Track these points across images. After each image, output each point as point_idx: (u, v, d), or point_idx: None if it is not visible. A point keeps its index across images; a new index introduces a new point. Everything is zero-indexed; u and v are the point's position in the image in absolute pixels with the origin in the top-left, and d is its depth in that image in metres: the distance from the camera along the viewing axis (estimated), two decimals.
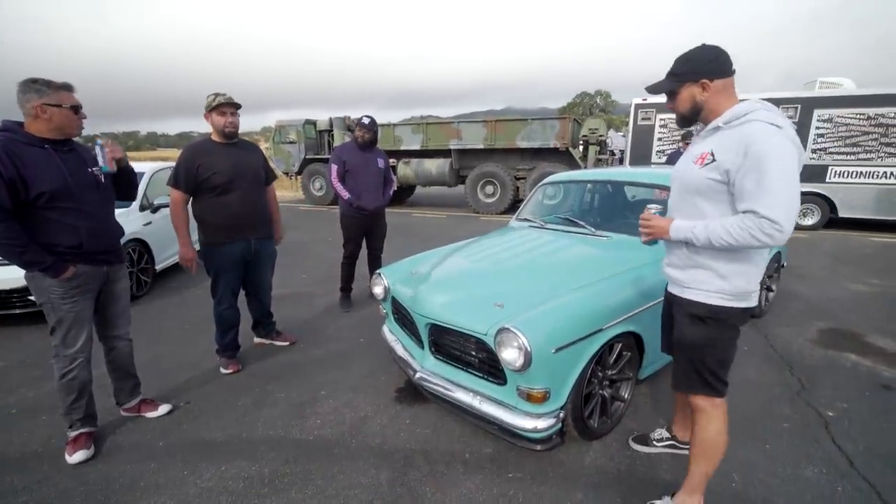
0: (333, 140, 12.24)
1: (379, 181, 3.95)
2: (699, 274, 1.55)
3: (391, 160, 8.77)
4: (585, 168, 9.27)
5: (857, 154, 7.68)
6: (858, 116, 7.55)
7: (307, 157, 12.35)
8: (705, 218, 1.49)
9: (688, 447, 1.97)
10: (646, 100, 8.99)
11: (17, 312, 3.66)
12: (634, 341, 2.27)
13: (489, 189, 10.64)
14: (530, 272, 2.46)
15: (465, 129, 10.85)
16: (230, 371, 2.95)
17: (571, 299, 2.08)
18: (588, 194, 3.73)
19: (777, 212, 1.31)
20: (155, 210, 4.75)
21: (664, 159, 6.77)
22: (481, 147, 10.64)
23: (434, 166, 11.10)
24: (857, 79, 8.76)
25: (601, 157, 10.32)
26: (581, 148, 10.34)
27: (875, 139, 7.54)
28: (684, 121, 1.61)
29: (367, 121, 3.81)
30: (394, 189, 4.24)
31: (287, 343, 3.37)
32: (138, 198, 4.65)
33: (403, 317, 2.63)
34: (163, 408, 2.50)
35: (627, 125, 9.72)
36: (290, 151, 12.52)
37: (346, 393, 2.70)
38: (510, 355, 1.84)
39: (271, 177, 3.08)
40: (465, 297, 2.25)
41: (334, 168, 3.84)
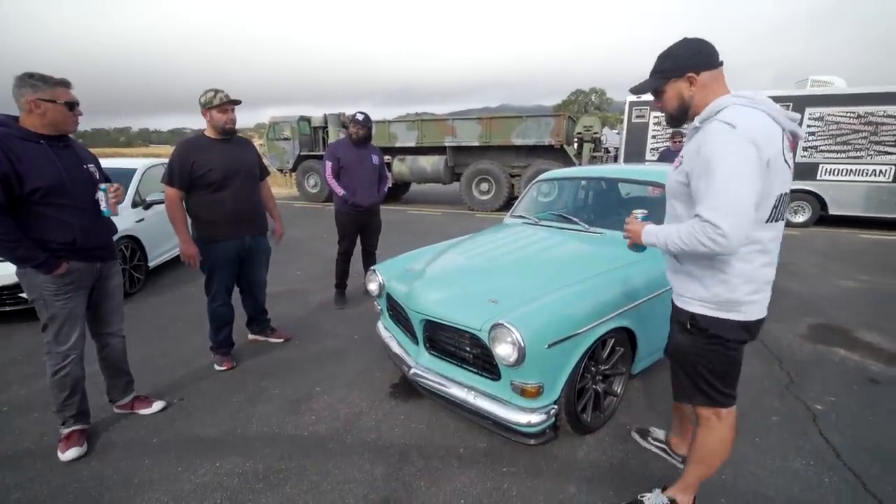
0: (328, 137, 12.18)
1: (374, 178, 3.95)
2: (682, 280, 1.52)
3: (386, 157, 8.76)
4: (580, 165, 9.30)
5: (847, 152, 7.77)
6: (849, 115, 7.64)
7: (301, 154, 12.29)
8: (680, 221, 1.43)
9: (680, 458, 1.99)
10: (639, 97, 9.02)
11: (8, 310, 3.63)
12: (627, 336, 2.29)
13: (484, 186, 10.65)
14: (524, 268, 2.48)
15: (461, 127, 10.85)
16: (224, 368, 2.95)
17: (565, 295, 2.10)
18: (582, 191, 3.75)
19: (717, 216, 1.22)
20: (147, 207, 4.71)
21: (657, 157, 6.80)
22: (476, 144, 10.64)
23: (429, 163, 11.09)
24: (854, 77, 8.86)
25: (596, 155, 10.35)
26: (576, 145, 10.37)
27: (865, 137, 7.63)
28: (673, 120, 1.51)
29: (361, 117, 3.81)
30: (388, 186, 4.24)
31: (282, 340, 3.37)
32: (130, 194, 4.61)
33: (398, 313, 2.64)
34: (156, 405, 2.49)
35: (622, 123, 9.76)
36: (285, 148, 12.45)
37: (341, 389, 2.70)
38: (504, 350, 1.85)
39: (265, 173, 3.07)
40: (460, 294, 2.26)
41: (328, 165, 3.82)
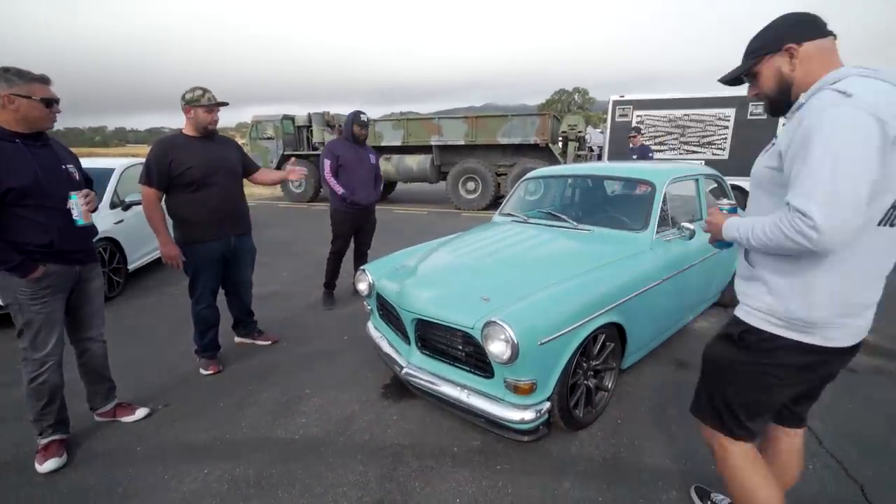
0: (312, 136, 12.03)
1: (371, 176, 3.99)
2: (752, 287, 1.26)
3: None
4: (565, 164, 9.39)
5: None
6: None
7: (285, 154, 12.11)
8: (763, 213, 1.19)
9: None
10: (623, 96, 9.16)
11: None
12: (617, 332, 2.32)
13: (471, 185, 10.66)
14: (515, 266, 2.48)
15: (446, 126, 10.83)
16: (210, 372, 2.88)
17: (556, 292, 2.11)
18: (569, 189, 3.78)
19: (809, 204, 0.99)
20: (126, 208, 4.58)
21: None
22: (462, 143, 10.64)
23: (415, 162, 11.05)
24: None
25: (580, 153, 10.46)
26: (561, 144, 10.47)
27: None
28: (773, 106, 1.23)
29: (365, 118, 3.90)
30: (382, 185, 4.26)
31: (269, 342, 3.31)
32: (108, 195, 4.48)
33: (389, 313, 2.61)
34: (140, 411, 2.42)
35: (605, 122, 9.88)
36: (268, 147, 12.25)
37: (332, 391, 2.67)
38: (497, 348, 1.85)
39: (253, 167, 3.02)
40: (452, 292, 2.25)
41: (327, 163, 3.82)
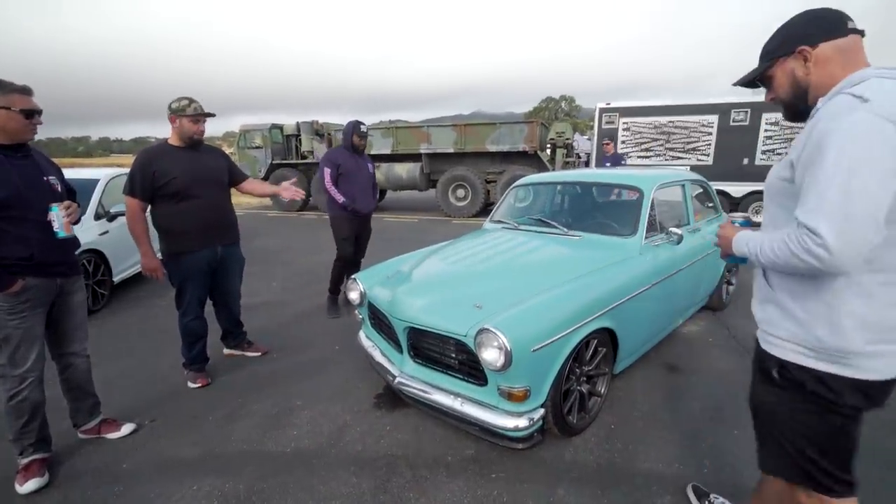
0: (301, 145, 11.98)
1: (370, 185, 4.04)
2: (772, 314, 1.15)
3: None
4: (553, 171, 9.49)
5: None
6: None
7: (274, 163, 12.04)
8: (777, 228, 1.11)
9: None
10: (609, 104, 9.31)
11: None
12: (609, 337, 2.33)
13: (460, 192, 10.70)
14: (507, 273, 2.49)
15: (435, 134, 10.87)
16: (199, 385, 2.82)
17: (548, 298, 2.12)
18: (559, 195, 3.82)
19: (817, 219, 0.91)
20: (111, 219, 4.50)
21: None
22: (451, 151, 10.69)
23: (404, 170, 11.06)
24: None
25: (568, 160, 10.59)
26: (549, 151, 10.59)
27: None
28: (790, 111, 1.16)
29: (364, 129, 3.96)
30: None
31: (259, 354, 3.26)
32: (93, 206, 4.40)
33: (381, 322, 2.60)
34: (126, 427, 2.36)
35: (592, 129, 10.02)
36: (256, 157, 12.16)
37: (323, 402, 2.63)
38: (491, 355, 1.84)
39: (240, 177, 2.98)
40: (444, 300, 2.25)
41: (328, 172, 3.83)
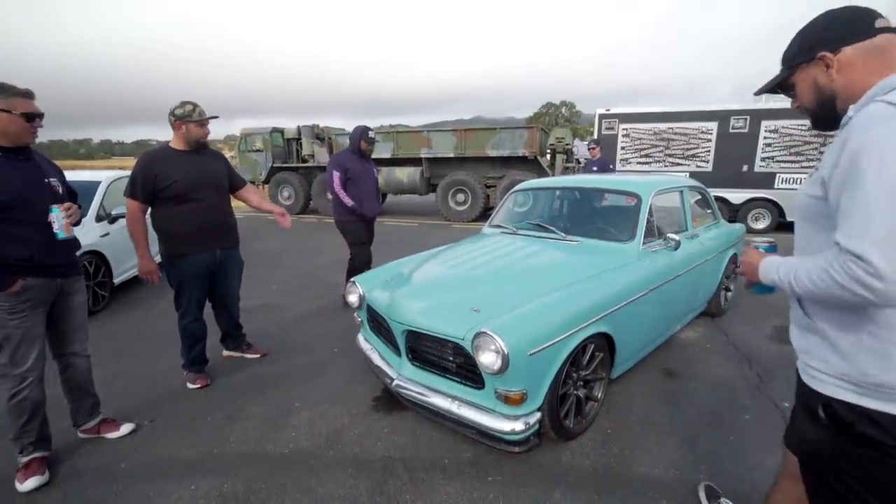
0: (301, 149, 12.04)
1: (376, 189, 4.13)
2: (813, 342, 1.04)
3: None
4: (553, 176, 9.53)
5: (801, 162, 8.25)
6: (800, 127, 8.12)
7: (275, 166, 12.10)
8: (813, 251, 1.00)
9: None
10: (609, 110, 9.37)
11: None
12: (606, 342, 2.34)
13: (460, 197, 10.73)
14: (505, 277, 2.51)
15: (436, 138, 10.93)
16: (198, 386, 2.84)
17: (546, 302, 2.13)
18: (558, 201, 3.84)
19: (864, 245, 0.81)
20: (112, 221, 4.53)
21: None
22: (452, 155, 10.74)
23: (405, 175, 11.10)
24: None
25: (568, 166, 10.63)
26: (549, 156, 10.63)
27: (815, 148, 8.12)
28: (816, 119, 1.08)
29: (372, 134, 4.10)
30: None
31: (258, 355, 3.27)
32: (94, 208, 4.43)
33: (379, 325, 2.61)
34: (125, 427, 2.37)
35: (592, 134, 10.08)
36: (257, 160, 12.23)
37: (322, 404, 2.64)
38: (488, 359, 1.86)
39: (239, 183, 3.00)
40: (442, 303, 2.27)
41: (336, 175, 3.90)
